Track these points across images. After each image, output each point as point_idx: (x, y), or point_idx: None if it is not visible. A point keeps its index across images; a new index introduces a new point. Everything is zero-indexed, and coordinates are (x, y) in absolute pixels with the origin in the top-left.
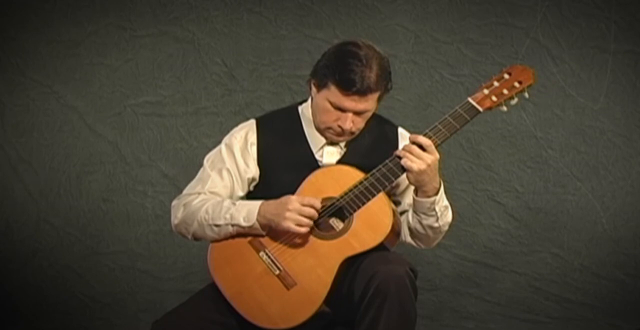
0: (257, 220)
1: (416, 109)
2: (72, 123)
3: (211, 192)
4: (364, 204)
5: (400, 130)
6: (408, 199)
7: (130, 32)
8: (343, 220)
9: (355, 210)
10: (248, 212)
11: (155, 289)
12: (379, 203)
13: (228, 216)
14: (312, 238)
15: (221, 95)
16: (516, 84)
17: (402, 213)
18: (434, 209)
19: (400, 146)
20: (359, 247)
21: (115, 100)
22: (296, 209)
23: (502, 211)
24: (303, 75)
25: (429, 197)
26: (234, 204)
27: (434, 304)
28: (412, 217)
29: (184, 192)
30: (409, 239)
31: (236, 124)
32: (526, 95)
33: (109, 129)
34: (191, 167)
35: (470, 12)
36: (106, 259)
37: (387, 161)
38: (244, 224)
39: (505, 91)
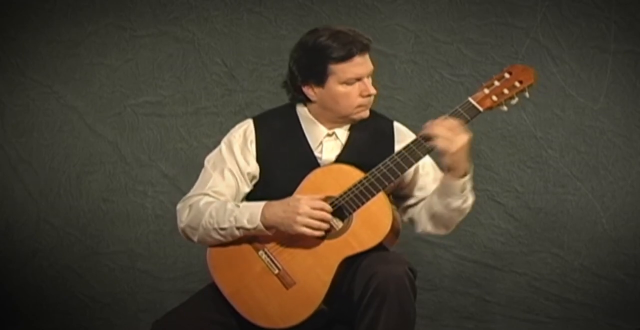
0: (261, 221)
1: (416, 109)
2: (72, 123)
3: (214, 192)
4: (363, 203)
5: (396, 124)
6: (420, 191)
7: (130, 32)
8: (342, 220)
9: (354, 210)
10: (251, 214)
11: (155, 289)
12: (379, 203)
13: (232, 219)
14: (311, 237)
15: (221, 95)
16: (517, 84)
17: (414, 205)
18: (465, 188)
19: (397, 140)
20: (358, 247)
21: (115, 100)
22: (307, 213)
23: (502, 211)
24: None
25: (461, 177)
26: (237, 206)
27: (434, 304)
28: (438, 202)
29: (188, 194)
30: (429, 228)
31: (236, 124)
32: (527, 94)
33: (109, 129)
34: (191, 167)
35: (470, 12)
36: (106, 259)
37: (387, 161)
38: (248, 225)
39: (505, 91)
